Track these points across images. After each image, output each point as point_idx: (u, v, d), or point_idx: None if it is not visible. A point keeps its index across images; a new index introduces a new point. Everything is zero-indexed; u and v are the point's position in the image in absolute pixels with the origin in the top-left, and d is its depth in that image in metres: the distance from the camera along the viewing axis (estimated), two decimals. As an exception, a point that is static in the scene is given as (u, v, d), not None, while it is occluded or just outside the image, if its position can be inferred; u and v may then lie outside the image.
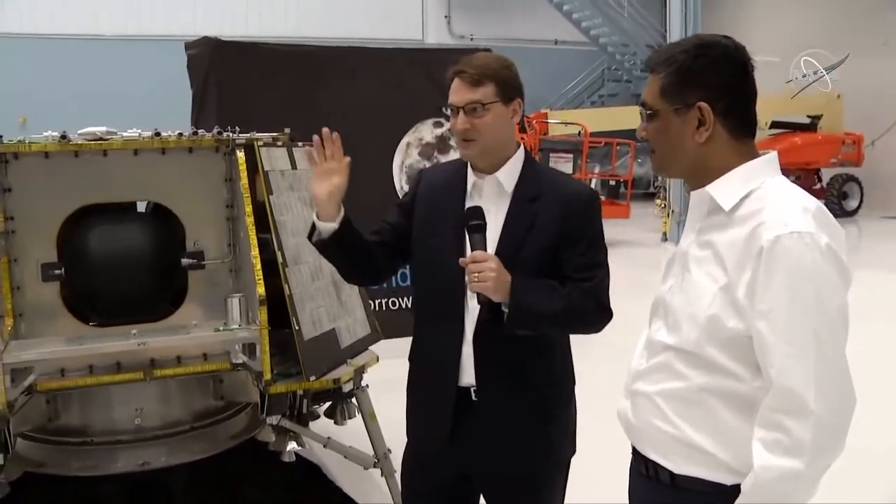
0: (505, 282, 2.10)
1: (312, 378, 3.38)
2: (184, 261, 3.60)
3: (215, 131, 3.61)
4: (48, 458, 3.54)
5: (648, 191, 18.50)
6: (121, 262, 3.52)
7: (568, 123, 15.83)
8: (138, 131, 3.54)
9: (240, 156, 3.50)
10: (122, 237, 3.57)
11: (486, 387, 2.25)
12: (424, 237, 2.34)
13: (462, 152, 2.28)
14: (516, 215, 2.21)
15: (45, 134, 3.42)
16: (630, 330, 2.33)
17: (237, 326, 3.41)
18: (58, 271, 3.42)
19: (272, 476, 3.83)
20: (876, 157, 17.32)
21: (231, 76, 6.39)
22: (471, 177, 2.31)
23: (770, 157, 1.78)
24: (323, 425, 3.98)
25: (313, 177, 2.26)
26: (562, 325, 2.27)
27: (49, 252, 3.43)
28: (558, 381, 2.37)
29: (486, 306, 2.13)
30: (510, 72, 2.26)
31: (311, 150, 2.25)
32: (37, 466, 3.50)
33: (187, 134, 3.60)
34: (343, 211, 2.28)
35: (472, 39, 21.02)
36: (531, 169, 2.30)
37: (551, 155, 14.13)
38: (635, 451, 1.90)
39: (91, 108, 13.51)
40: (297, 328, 3.36)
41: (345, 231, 2.27)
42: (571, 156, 15.02)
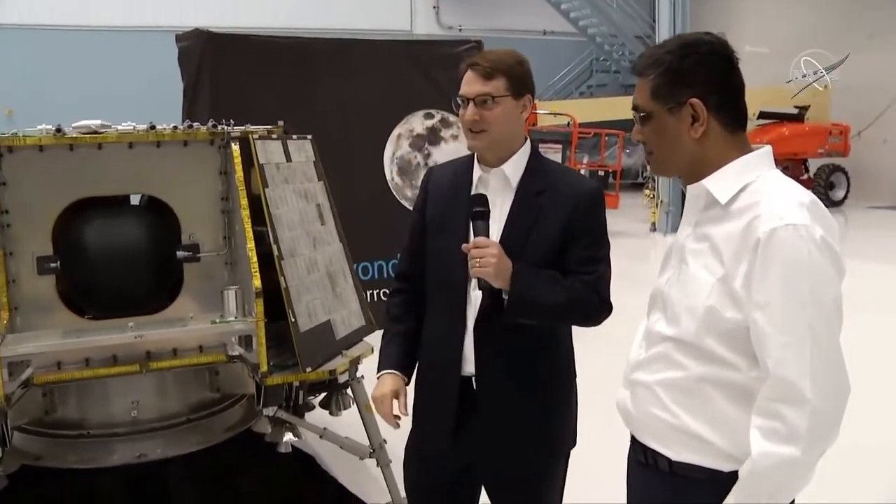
0: (506, 269, 2.13)
1: (309, 369, 3.41)
2: (179, 254, 3.60)
3: (210, 124, 3.61)
4: (45, 451, 3.54)
5: (637, 181, 18.57)
6: (116, 256, 3.52)
7: (557, 114, 15.83)
8: (133, 124, 3.54)
9: (235, 149, 3.50)
10: (118, 230, 3.57)
11: (486, 376, 2.27)
12: (433, 231, 2.37)
13: (470, 143, 2.30)
14: (521, 208, 2.23)
15: (40, 127, 3.42)
16: (620, 320, 2.35)
17: (234, 319, 3.42)
18: (53, 264, 3.42)
19: (268, 467, 3.85)
20: (862, 148, 17.44)
21: (223, 68, 6.38)
22: (477, 170, 2.34)
23: (765, 151, 1.81)
24: (318, 417, 4.01)
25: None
26: (562, 315, 2.29)
27: (44, 245, 3.42)
28: (560, 374, 2.40)
29: (486, 292, 2.15)
30: (523, 68, 2.28)
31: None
32: (34, 459, 3.51)
33: (182, 127, 3.60)
34: (404, 371, 2.43)
35: (460, 30, 20.96)
36: (537, 163, 2.33)
37: (540, 145, 14.10)
38: (634, 439, 1.93)
39: (77, 101, 13.47)
40: (293, 320, 3.37)
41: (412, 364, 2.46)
42: (560, 146, 15.04)
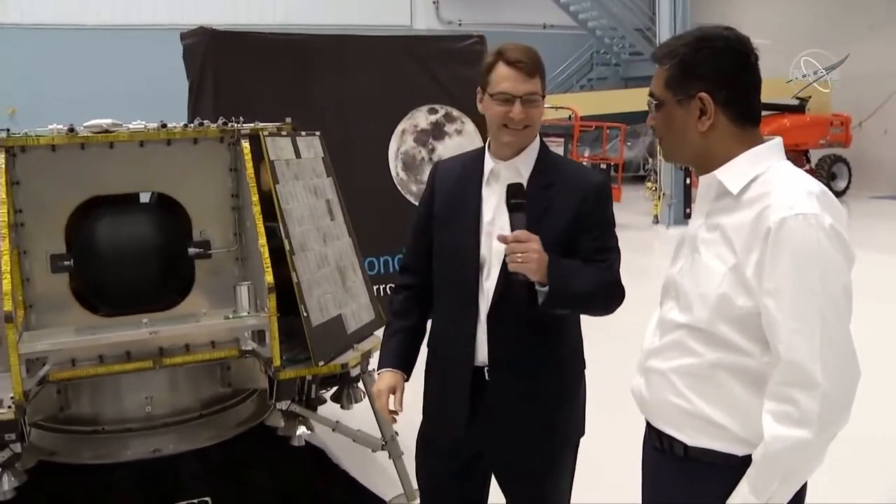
0: (545, 262, 2.13)
1: (321, 363, 3.45)
2: (190, 250, 3.64)
3: (220, 122, 3.64)
4: (61, 447, 3.60)
5: (638, 174, 18.56)
6: (128, 253, 3.56)
7: (558, 108, 15.82)
8: (144, 123, 3.57)
9: (245, 146, 3.54)
10: (130, 228, 3.61)
11: (498, 366, 2.30)
12: (442, 223, 2.39)
13: (511, 139, 2.28)
14: (531, 200, 2.25)
15: (51, 127, 3.45)
16: (624, 311, 2.36)
17: (246, 314, 3.46)
18: (67, 262, 3.46)
19: (281, 461, 3.89)
20: (863, 139, 17.43)
21: (227, 65, 6.40)
22: (489, 162, 2.36)
23: (775, 143, 1.84)
24: (328, 411, 4.05)
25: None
26: (592, 304, 2.30)
27: (58, 244, 3.46)
28: (569, 363, 2.43)
29: (523, 286, 2.15)
30: (544, 65, 2.31)
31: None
32: (49, 455, 3.56)
33: (193, 125, 3.64)
34: (404, 369, 2.46)
35: (460, 24, 20.91)
36: (546, 157, 2.36)
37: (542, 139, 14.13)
38: (649, 425, 1.96)
39: (80, 99, 13.49)
40: (305, 315, 3.41)
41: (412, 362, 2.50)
42: (562, 140, 15.06)
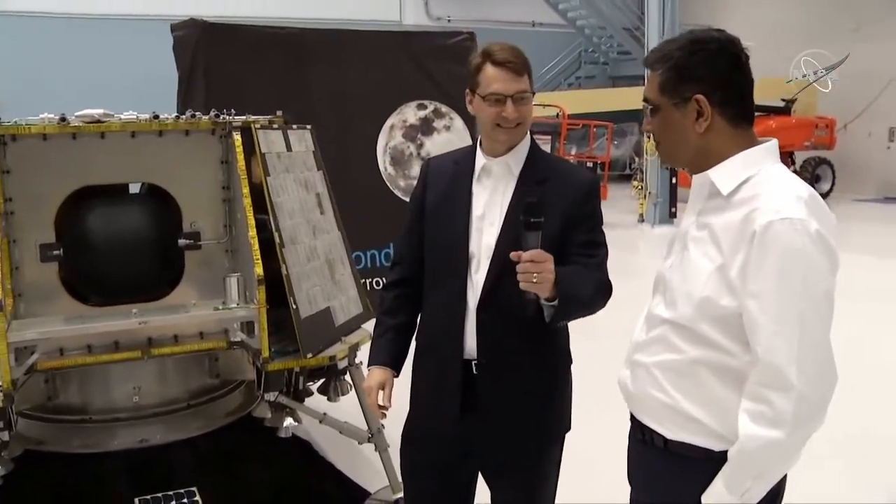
0: (554, 279, 2.11)
1: (309, 355, 3.47)
2: (180, 241, 3.66)
3: (212, 114, 3.66)
4: (48, 436, 3.61)
5: (625, 172, 18.68)
6: (118, 243, 3.58)
7: (545, 105, 15.88)
8: (135, 114, 3.58)
9: (237, 138, 3.55)
10: (120, 218, 3.62)
11: (487, 360, 2.32)
12: (433, 218, 2.42)
13: (504, 138, 2.31)
14: (522, 197, 2.29)
15: (42, 116, 3.45)
16: (608, 308, 2.37)
17: (235, 305, 3.48)
18: (56, 252, 3.47)
19: (267, 451, 3.92)
20: (848, 141, 17.60)
21: (217, 58, 6.39)
22: (480, 159, 2.39)
23: (770, 146, 1.88)
24: (314, 403, 4.08)
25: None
26: (592, 306, 2.31)
27: (47, 233, 3.47)
28: (557, 358, 2.45)
29: (532, 304, 2.13)
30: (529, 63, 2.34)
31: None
32: (37, 444, 3.57)
33: (185, 117, 3.65)
34: (394, 367, 2.48)
35: (449, 21, 20.93)
36: (536, 153, 2.39)
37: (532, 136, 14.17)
38: (633, 417, 2.00)
39: (70, 90, 13.44)
40: (294, 307, 3.43)
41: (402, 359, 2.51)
42: (549, 137, 15.14)
